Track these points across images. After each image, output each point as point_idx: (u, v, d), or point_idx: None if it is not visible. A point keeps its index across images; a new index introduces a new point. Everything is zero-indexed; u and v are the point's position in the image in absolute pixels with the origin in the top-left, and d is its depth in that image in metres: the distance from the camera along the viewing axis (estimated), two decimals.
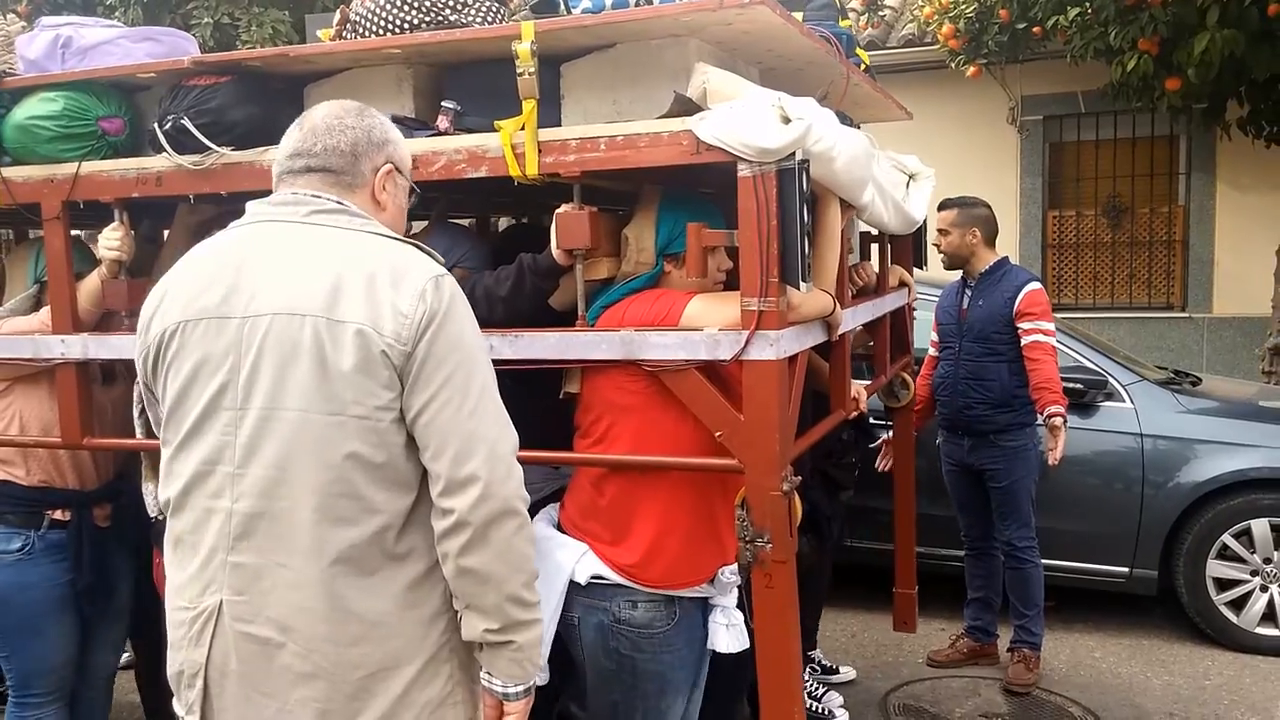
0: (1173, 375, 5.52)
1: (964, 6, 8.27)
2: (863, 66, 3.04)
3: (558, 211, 2.36)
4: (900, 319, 3.83)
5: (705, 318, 2.27)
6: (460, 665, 1.82)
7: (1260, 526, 4.70)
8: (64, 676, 3.03)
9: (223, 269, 1.76)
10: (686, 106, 2.26)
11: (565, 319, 2.52)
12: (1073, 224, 9.51)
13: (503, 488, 1.71)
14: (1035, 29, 7.84)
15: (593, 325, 2.39)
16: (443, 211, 3.10)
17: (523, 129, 2.30)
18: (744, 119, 2.13)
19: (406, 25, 2.62)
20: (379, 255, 1.73)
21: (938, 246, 4.38)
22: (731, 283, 2.46)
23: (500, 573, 1.72)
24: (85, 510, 2.97)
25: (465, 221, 3.90)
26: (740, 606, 2.51)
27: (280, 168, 1.86)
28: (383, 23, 2.63)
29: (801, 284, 2.18)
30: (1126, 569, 4.89)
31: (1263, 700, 4.28)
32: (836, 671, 4.42)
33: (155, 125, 2.50)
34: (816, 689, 4.06)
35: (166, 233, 3.31)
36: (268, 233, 1.80)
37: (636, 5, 2.37)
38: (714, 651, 2.50)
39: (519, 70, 2.26)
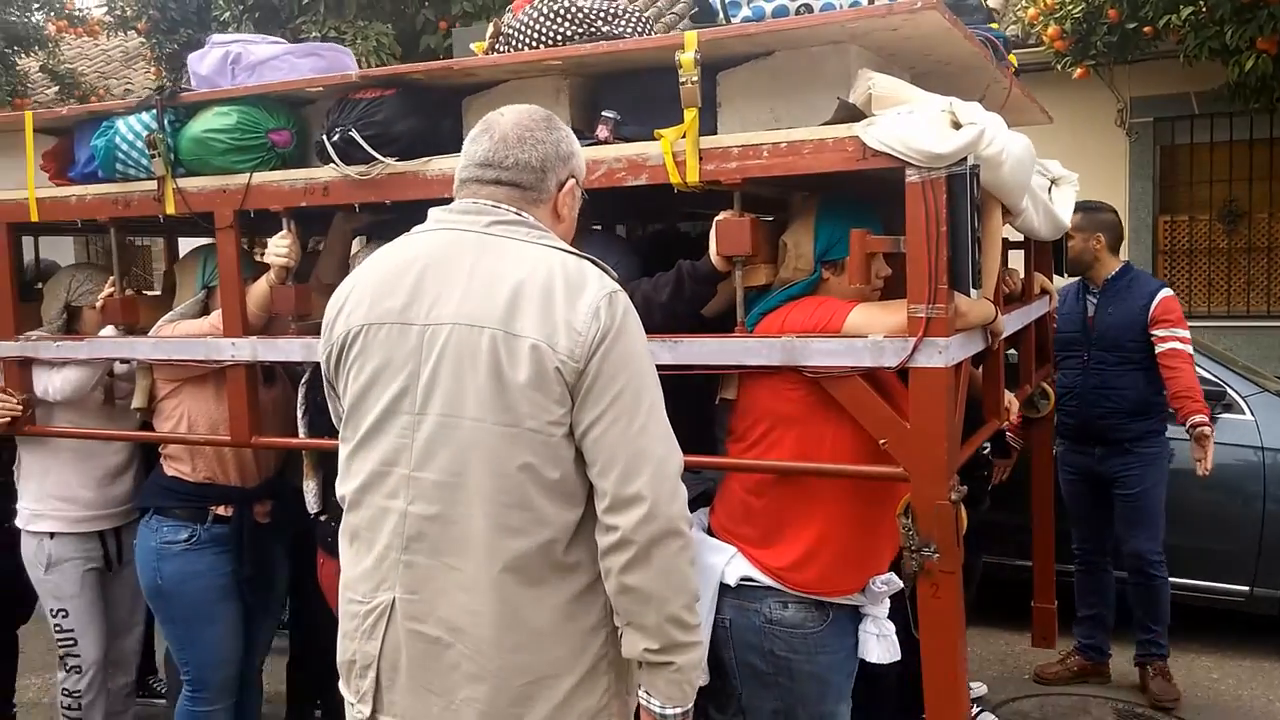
0: None
1: (1071, 7, 8.06)
2: (1012, 69, 2.98)
3: (718, 218, 2.35)
4: (1043, 327, 3.75)
5: (869, 325, 2.24)
6: (617, 678, 1.83)
7: None
8: (233, 673, 3.11)
9: (405, 275, 1.79)
10: (850, 113, 2.24)
11: (714, 326, 2.51)
12: (1185, 230, 9.21)
13: (668, 508, 1.70)
14: (1146, 28, 7.60)
15: (751, 331, 2.38)
16: (589, 220, 3.12)
17: (684, 137, 2.30)
18: (913, 124, 2.10)
19: (560, 38, 2.64)
20: (555, 269, 1.74)
21: None
22: (889, 290, 2.44)
23: (661, 593, 1.71)
24: (246, 507, 3.07)
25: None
26: (892, 617, 2.48)
27: (467, 173, 1.86)
28: (538, 36, 2.66)
29: (972, 290, 2.15)
30: (1247, 588, 4.65)
31: None
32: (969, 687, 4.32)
33: (324, 137, 2.56)
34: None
35: (312, 240, 3.40)
36: (449, 240, 1.81)
37: (796, 13, 2.36)
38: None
39: (681, 79, 2.26)
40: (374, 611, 1.78)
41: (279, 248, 2.72)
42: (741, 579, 2.37)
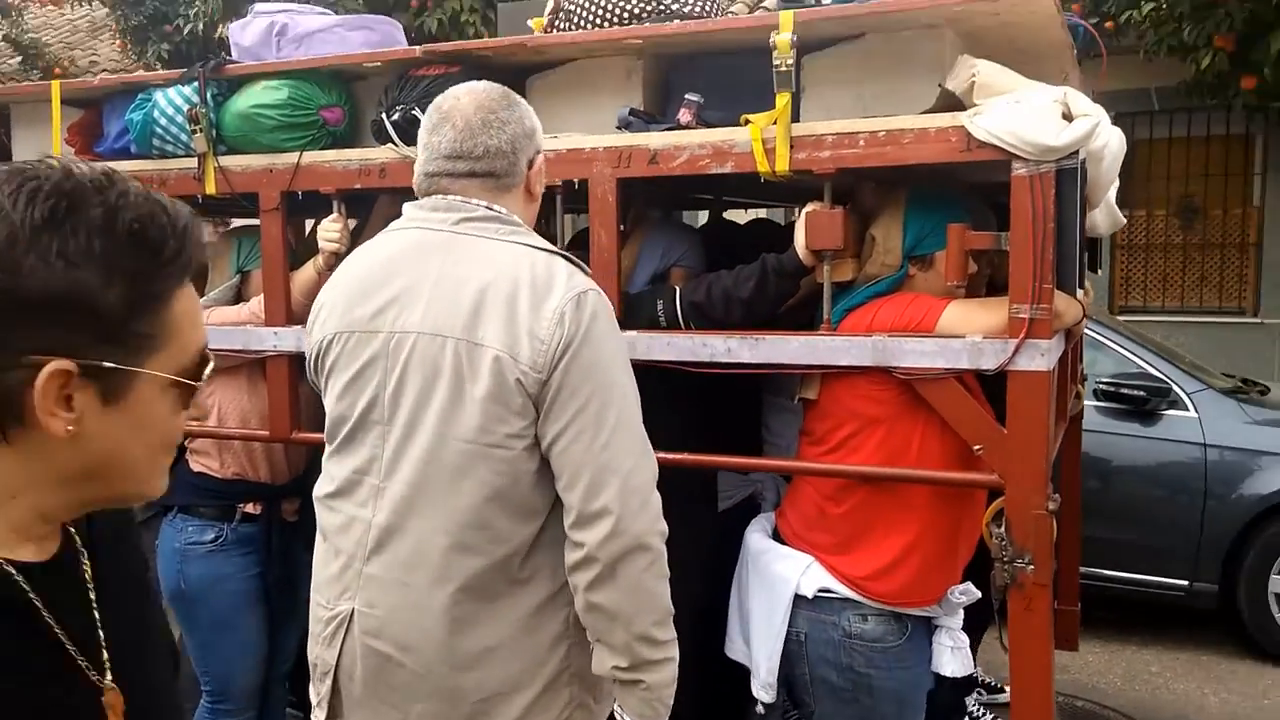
0: (1240, 384, 5.17)
1: None
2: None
3: (807, 210, 2.17)
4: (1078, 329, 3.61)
5: (964, 325, 2.07)
6: (582, 689, 1.72)
7: None
8: (257, 682, 2.85)
9: (375, 279, 1.69)
10: (950, 101, 2.07)
11: (783, 322, 2.34)
12: (1143, 224, 9.18)
13: (634, 523, 1.58)
14: (1108, 23, 7.51)
15: (836, 329, 2.20)
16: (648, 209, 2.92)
17: (774, 123, 2.11)
18: (1025, 114, 1.93)
19: (627, 15, 2.43)
20: (523, 271, 1.62)
21: None
22: (973, 288, 2.28)
23: (628, 610, 1.60)
24: (275, 504, 2.83)
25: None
26: (964, 629, 2.34)
27: (433, 167, 1.70)
28: (602, 12, 2.44)
29: (1079, 290, 2.00)
30: (1186, 582, 4.58)
31: None
32: (1001, 690, 4.20)
33: (383, 115, 2.33)
34: (980, 712, 3.87)
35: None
36: (417, 241, 1.69)
37: None
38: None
39: (775, 62, 2.07)
40: (335, 619, 1.71)
41: (330, 231, 2.47)
42: (819, 590, 2.21)
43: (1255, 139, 8.66)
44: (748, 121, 2.14)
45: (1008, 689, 4.10)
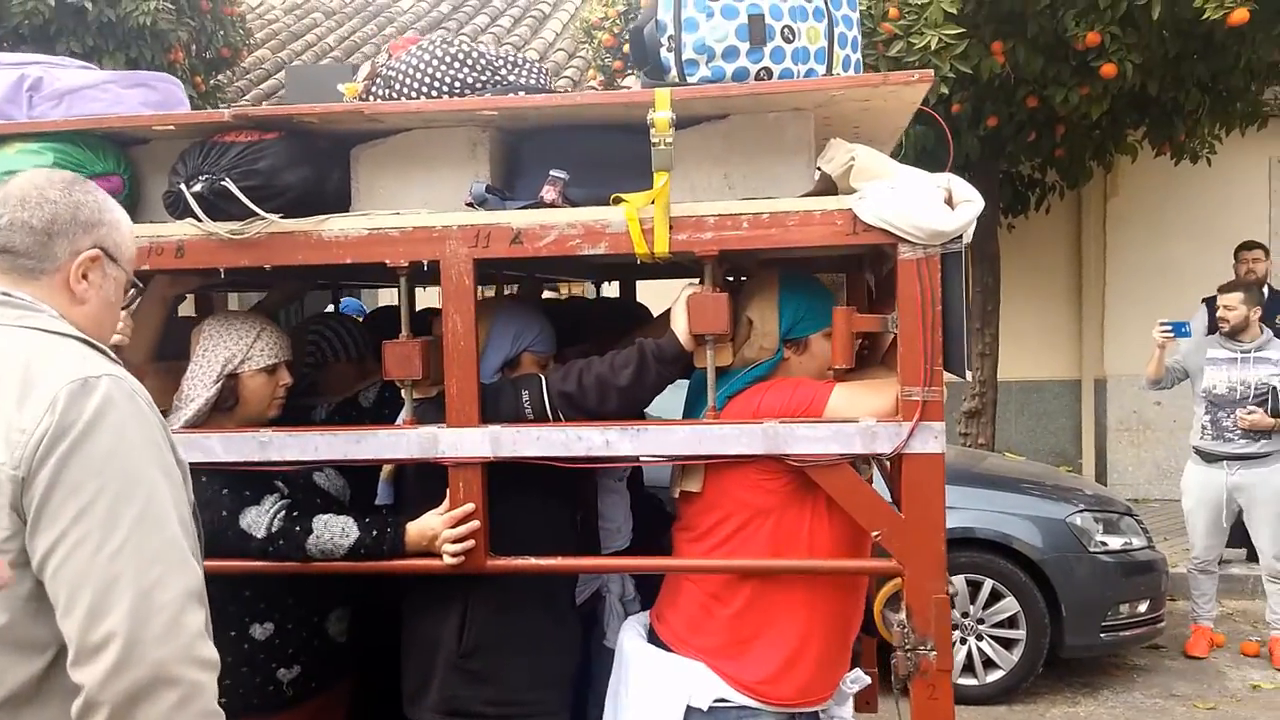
0: None
1: None
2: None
3: (690, 294, 1.96)
4: None
5: (853, 408, 1.94)
6: None
7: (958, 583, 4.56)
8: None
9: None
10: (828, 185, 1.96)
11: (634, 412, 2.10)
12: None
13: (154, 649, 1.20)
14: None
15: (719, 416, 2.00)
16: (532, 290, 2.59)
17: (652, 203, 1.90)
18: (911, 200, 1.85)
19: (459, 85, 2.14)
20: (19, 358, 1.29)
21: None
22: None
23: None
24: None
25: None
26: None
27: None
28: (432, 81, 2.13)
29: (967, 372, 1.93)
30: None
31: None
32: None
33: (182, 186, 1.86)
34: None
35: None
36: None
37: (756, 77, 2.03)
38: None
39: (654, 140, 1.86)
40: None
41: None
42: (715, 701, 1.97)
43: None
44: (619, 200, 1.91)
45: None
